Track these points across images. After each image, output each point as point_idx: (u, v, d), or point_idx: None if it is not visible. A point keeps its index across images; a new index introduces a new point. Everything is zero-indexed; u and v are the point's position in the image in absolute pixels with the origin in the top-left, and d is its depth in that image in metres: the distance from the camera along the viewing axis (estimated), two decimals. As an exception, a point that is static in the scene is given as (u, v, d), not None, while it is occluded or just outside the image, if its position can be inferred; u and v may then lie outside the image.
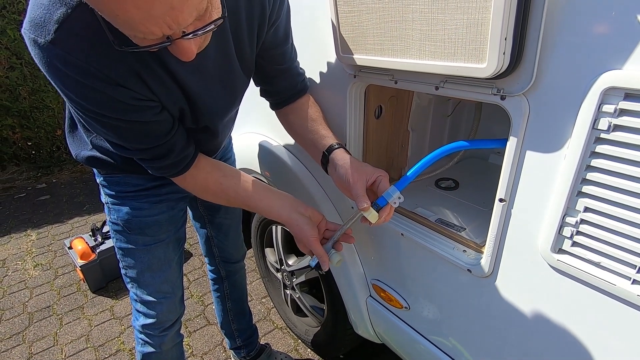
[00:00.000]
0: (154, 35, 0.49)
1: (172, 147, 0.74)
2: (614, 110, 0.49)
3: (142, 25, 0.47)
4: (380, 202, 0.74)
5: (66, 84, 0.59)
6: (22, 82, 3.21)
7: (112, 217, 0.93)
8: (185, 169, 0.78)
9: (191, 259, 2.30)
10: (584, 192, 0.56)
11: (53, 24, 0.54)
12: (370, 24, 0.69)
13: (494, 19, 0.51)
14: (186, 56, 0.54)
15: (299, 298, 1.56)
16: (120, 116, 0.65)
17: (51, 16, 0.54)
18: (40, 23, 0.54)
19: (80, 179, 3.49)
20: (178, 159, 0.76)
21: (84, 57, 0.56)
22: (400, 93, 0.98)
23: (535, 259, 0.66)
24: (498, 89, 0.60)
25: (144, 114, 0.67)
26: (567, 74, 0.53)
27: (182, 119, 0.77)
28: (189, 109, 0.75)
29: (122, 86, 0.62)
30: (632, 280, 0.54)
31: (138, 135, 0.70)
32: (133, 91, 0.63)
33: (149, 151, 0.73)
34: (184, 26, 0.50)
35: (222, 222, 1.23)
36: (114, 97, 0.62)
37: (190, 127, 0.80)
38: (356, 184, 0.74)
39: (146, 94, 0.66)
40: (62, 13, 0.54)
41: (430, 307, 0.95)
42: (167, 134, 0.72)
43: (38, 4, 0.55)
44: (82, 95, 0.61)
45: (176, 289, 1.06)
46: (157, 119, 0.69)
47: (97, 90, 0.60)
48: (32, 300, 2.01)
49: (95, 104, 0.62)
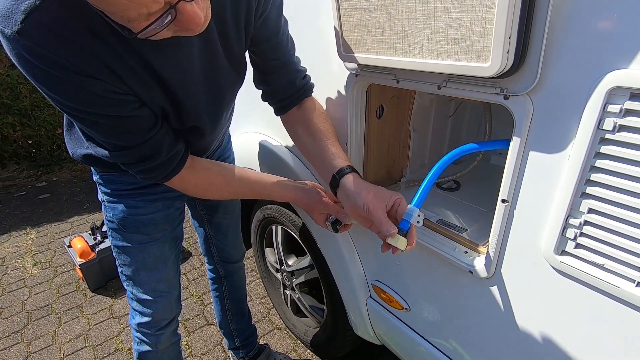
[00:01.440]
0: (155, 5, 0.47)
1: (157, 145, 0.71)
2: (620, 111, 0.49)
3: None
4: (404, 226, 0.70)
5: (37, 76, 0.57)
6: (23, 80, 3.21)
7: (108, 215, 0.93)
8: (177, 169, 0.76)
9: (190, 259, 2.30)
10: (588, 193, 0.55)
11: (20, 14, 0.52)
12: (373, 22, 0.69)
13: (498, 17, 0.51)
14: (195, 24, 0.52)
15: (299, 298, 1.55)
16: (96, 110, 0.62)
17: (18, 7, 0.52)
18: (7, 14, 0.52)
19: (80, 177, 3.48)
20: (166, 159, 0.73)
21: (53, 48, 0.54)
22: (401, 93, 0.97)
23: (538, 260, 0.65)
24: (501, 88, 0.59)
25: (122, 108, 0.64)
26: (572, 74, 0.52)
27: (167, 119, 0.74)
28: (171, 107, 0.72)
29: (94, 78, 0.59)
30: (636, 282, 0.53)
31: (118, 131, 0.67)
32: (107, 83, 0.61)
33: (134, 151, 0.70)
34: None
35: (221, 221, 1.22)
36: (87, 89, 0.59)
37: (177, 127, 0.77)
38: (377, 210, 0.70)
39: (121, 87, 0.63)
40: (29, 4, 0.52)
41: (431, 309, 0.94)
42: (149, 130, 0.69)
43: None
44: (55, 88, 0.59)
45: (172, 288, 1.05)
46: (136, 113, 0.67)
47: (69, 82, 0.58)
48: (31, 299, 2.01)
49: (69, 97, 0.60)
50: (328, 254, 1.19)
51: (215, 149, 1.05)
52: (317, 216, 0.89)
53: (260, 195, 0.90)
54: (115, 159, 0.73)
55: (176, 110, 0.74)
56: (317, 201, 0.88)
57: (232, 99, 0.87)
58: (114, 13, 0.48)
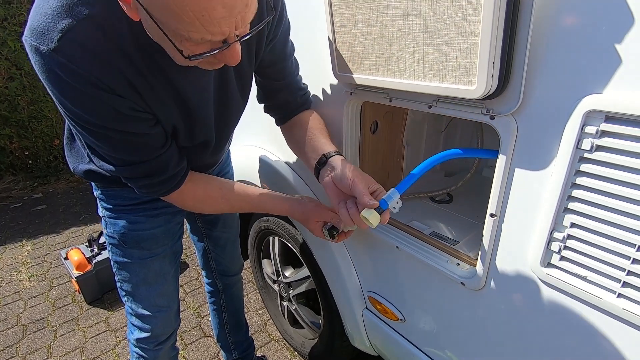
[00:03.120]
0: (220, 37, 0.51)
1: (164, 162, 0.74)
2: (596, 132, 0.52)
3: (219, 24, 0.49)
4: (382, 205, 0.73)
5: (64, 91, 0.60)
6: (22, 92, 3.23)
7: (108, 231, 0.94)
8: (177, 185, 0.79)
9: (188, 270, 2.30)
10: (570, 208, 0.58)
11: (57, 32, 0.55)
12: (366, 45, 0.72)
13: (482, 45, 0.54)
14: (234, 59, 0.57)
15: (296, 310, 1.56)
16: (114, 126, 0.65)
17: (55, 25, 0.55)
18: (43, 31, 0.56)
19: (77, 188, 3.48)
20: (170, 175, 0.76)
21: (84, 65, 0.58)
22: (395, 109, 1.01)
23: (526, 272, 0.68)
24: (487, 109, 0.63)
25: (138, 125, 0.68)
26: (552, 97, 0.56)
27: (176, 136, 0.78)
28: (184, 125, 0.76)
29: (118, 95, 0.63)
30: (617, 294, 0.56)
31: (129, 147, 0.70)
32: (129, 101, 0.64)
33: (140, 166, 0.73)
34: (246, 24, 0.53)
35: (220, 235, 1.24)
36: (110, 105, 0.62)
37: (185, 145, 0.80)
38: (360, 184, 0.73)
39: (142, 105, 0.67)
40: (67, 23, 0.55)
41: (426, 320, 0.96)
42: (159, 148, 0.73)
43: (41, 13, 0.56)
44: (79, 103, 0.61)
45: (172, 303, 1.06)
46: (150, 131, 0.70)
47: (95, 98, 0.61)
48: (26, 312, 2.00)
49: (90, 112, 0.63)
50: (324, 265, 1.21)
51: (216, 165, 1.07)
52: (313, 225, 0.89)
53: (256, 209, 0.92)
54: (120, 173, 0.75)
55: (188, 128, 0.77)
56: (311, 209, 0.89)
57: (238, 117, 0.91)
58: (177, 31, 0.50)
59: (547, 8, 0.53)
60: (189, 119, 0.75)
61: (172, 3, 0.46)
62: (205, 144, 0.84)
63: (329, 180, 0.80)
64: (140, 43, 0.60)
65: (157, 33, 0.53)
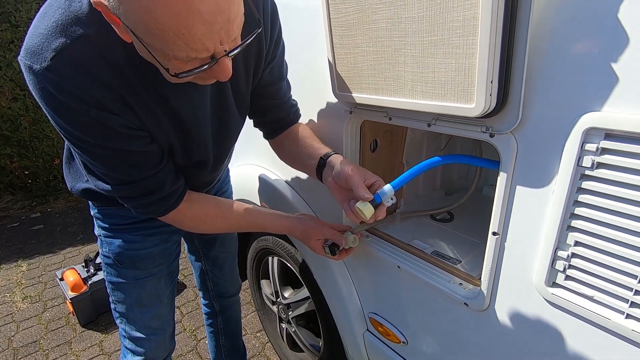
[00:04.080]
0: (205, 53, 0.52)
1: (160, 181, 0.74)
2: (596, 149, 0.52)
3: (201, 41, 0.49)
4: (376, 198, 0.73)
5: (58, 110, 0.60)
6: (24, 112, 3.26)
7: (104, 250, 0.93)
8: (174, 205, 0.78)
9: (185, 291, 2.25)
10: (574, 226, 0.57)
11: (50, 52, 0.56)
12: (365, 65, 0.73)
13: (480, 64, 0.55)
14: (225, 75, 0.57)
15: (295, 332, 1.52)
16: (109, 144, 0.65)
17: (49, 45, 0.56)
18: (37, 51, 0.56)
19: (75, 208, 3.46)
20: (166, 194, 0.76)
21: (78, 84, 0.58)
22: (394, 128, 1.01)
23: (531, 292, 0.66)
24: (487, 127, 0.63)
25: (133, 143, 0.67)
26: (551, 114, 0.56)
27: (173, 155, 0.77)
28: (179, 143, 0.76)
29: (112, 113, 0.63)
30: (625, 314, 0.55)
31: (125, 165, 0.70)
32: (123, 118, 0.64)
33: (136, 185, 0.72)
34: (232, 39, 0.53)
35: (218, 255, 1.22)
36: (104, 124, 0.62)
37: (182, 163, 0.80)
38: (356, 176, 0.73)
39: (136, 123, 0.67)
40: (61, 42, 0.56)
41: (429, 342, 0.93)
42: (155, 166, 0.72)
43: (36, 34, 0.57)
44: (73, 121, 0.61)
45: (166, 325, 1.03)
46: (145, 149, 0.70)
47: (88, 116, 0.61)
48: (18, 335, 1.94)
49: (85, 130, 0.63)
50: (324, 286, 1.19)
51: (214, 184, 1.07)
52: (314, 243, 0.88)
53: (255, 227, 0.91)
54: (116, 193, 0.74)
55: (184, 147, 0.77)
56: (312, 227, 0.88)
57: (236, 136, 0.91)
58: (162, 50, 0.51)
59: (544, 27, 0.54)
60: (185, 137, 0.75)
61: (153, 25, 0.47)
62: (202, 163, 0.84)
63: (331, 181, 0.80)
64: (134, 62, 0.61)
65: (145, 53, 0.53)
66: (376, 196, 0.73)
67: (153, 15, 0.46)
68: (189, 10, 0.46)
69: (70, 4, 0.57)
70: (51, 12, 0.57)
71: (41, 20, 0.58)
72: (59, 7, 0.57)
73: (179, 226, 0.85)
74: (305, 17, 0.96)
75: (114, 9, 0.48)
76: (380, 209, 0.73)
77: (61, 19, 0.56)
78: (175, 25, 0.47)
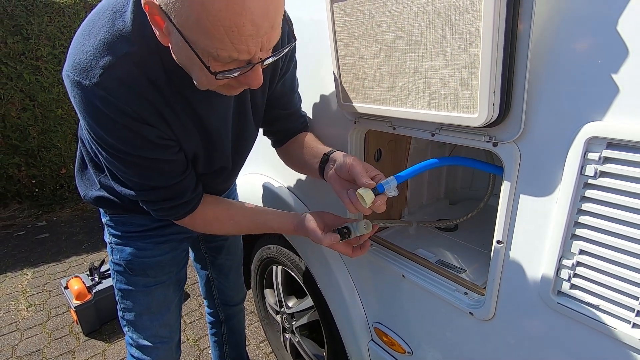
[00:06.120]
0: (246, 55, 0.54)
1: (184, 187, 0.78)
2: (599, 158, 0.53)
3: (246, 42, 0.52)
4: (379, 188, 0.72)
5: (100, 122, 0.65)
6: (33, 122, 3.32)
7: (115, 258, 0.94)
8: (192, 209, 0.82)
9: (189, 300, 2.25)
10: (578, 235, 0.58)
11: (99, 69, 0.61)
12: (369, 76, 0.75)
13: (482, 75, 0.56)
14: (257, 82, 0.60)
15: (299, 342, 1.51)
16: (142, 153, 0.70)
17: (97, 62, 0.61)
18: (86, 68, 0.61)
19: (81, 217, 3.49)
20: (187, 200, 0.79)
21: (122, 98, 0.63)
22: (398, 137, 1.03)
23: (536, 301, 0.66)
24: (490, 136, 0.64)
25: (165, 152, 0.72)
26: (553, 124, 0.57)
27: (195, 163, 0.81)
28: (203, 152, 0.80)
29: (149, 125, 0.67)
30: (632, 324, 0.55)
31: (154, 173, 0.74)
32: (158, 130, 0.69)
33: (161, 191, 0.76)
34: (270, 48, 0.56)
35: (224, 263, 1.23)
36: (141, 134, 0.67)
37: (203, 172, 0.83)
38: (358, 166, 0.73)
39: (168, 133, 0.71)
40: (108, 60, 0.61)
41: (434, 352, 0.93)
42: (181, 174, 0.77)
43: (84, 51, 0.61)
44: (114, 132, 0.66)
45: (174, 334, 1.04)
46: (174, 158, 0.74)
47: (128, 128, 0.65)
48: (22, 343, 1.94)
49: (122, 140, 0.67)
50: (328, 295, 1.18)
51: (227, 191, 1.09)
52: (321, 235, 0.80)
53: (262, 228, 0.89)
54: (141, 197, 0.78)
55: (207, 155, 0.81)
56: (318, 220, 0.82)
57: (252, 146, 0.94)
58: (206, 49, 0.53)
59: (545, 38, 0.55)
60: (209, 146, 0.80)
61: (205, 18, 0.49)
62: (221, 171, 0.88)
63: (332, 173, 0.80)
64: (169, 76, 0.66)
65: (186, 53, 0.56)
66: (379, 185, 0.72)
67: (208, 8, 0.48)
68: (243, 8, 0.48)
69: (113, 22, 0.61)
70: (96, 31, 0.62)
71: (87, 38, 0.62)
72: (103, 25, 0.62)
73: (191, 228, 0.87)
74: (312, 30, 0.98)
75: (164, 5, 0.51)
76: (380, 197, 0.72)
77: (106, 37, 0.61)
78: (227, 20, 0.49)
